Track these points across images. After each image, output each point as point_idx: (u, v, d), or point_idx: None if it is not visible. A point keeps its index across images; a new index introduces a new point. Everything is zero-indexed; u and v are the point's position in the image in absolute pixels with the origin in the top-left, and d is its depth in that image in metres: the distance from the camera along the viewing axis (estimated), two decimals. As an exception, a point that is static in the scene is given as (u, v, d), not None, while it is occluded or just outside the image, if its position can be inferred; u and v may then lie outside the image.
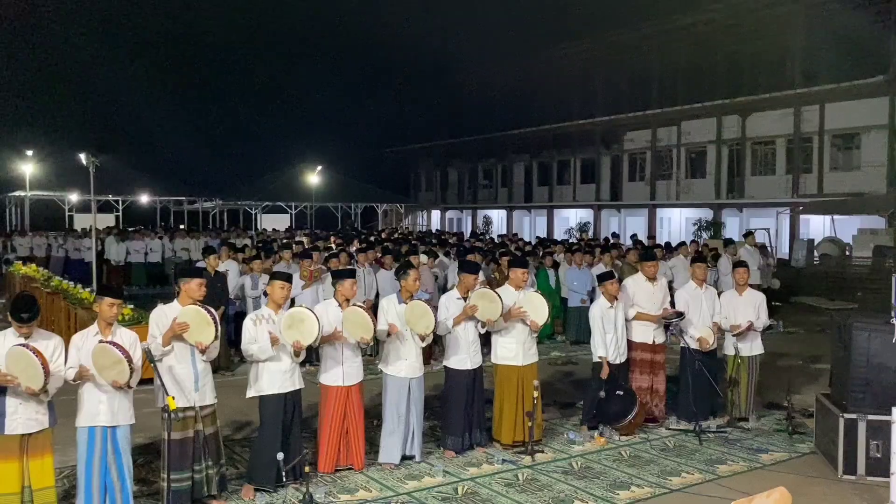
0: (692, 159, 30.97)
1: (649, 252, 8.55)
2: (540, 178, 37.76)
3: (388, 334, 6.22)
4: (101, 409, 4.97)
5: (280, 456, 5.47)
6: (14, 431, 4.74)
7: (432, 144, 42.58)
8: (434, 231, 31.58)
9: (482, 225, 38.90)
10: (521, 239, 21.75)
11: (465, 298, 6.69)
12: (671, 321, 7.51)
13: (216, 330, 5.23)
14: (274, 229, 28.47)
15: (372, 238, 18.93)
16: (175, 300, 5.46)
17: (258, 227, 34.40)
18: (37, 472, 4.83)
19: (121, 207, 33.34)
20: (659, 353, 7.67)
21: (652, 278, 7.68)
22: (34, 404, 4.78)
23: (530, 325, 6.69)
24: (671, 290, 8.55)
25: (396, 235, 23.41)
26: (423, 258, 11.47)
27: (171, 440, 4.99)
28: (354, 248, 13.05)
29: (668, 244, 15.90)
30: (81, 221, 30.97)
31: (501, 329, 6.72)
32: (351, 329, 5.96)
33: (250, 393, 5.80)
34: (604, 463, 6.49)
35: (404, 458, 6.38)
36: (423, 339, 6.23)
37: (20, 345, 4.64)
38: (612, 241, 17.52)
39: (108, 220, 32.07)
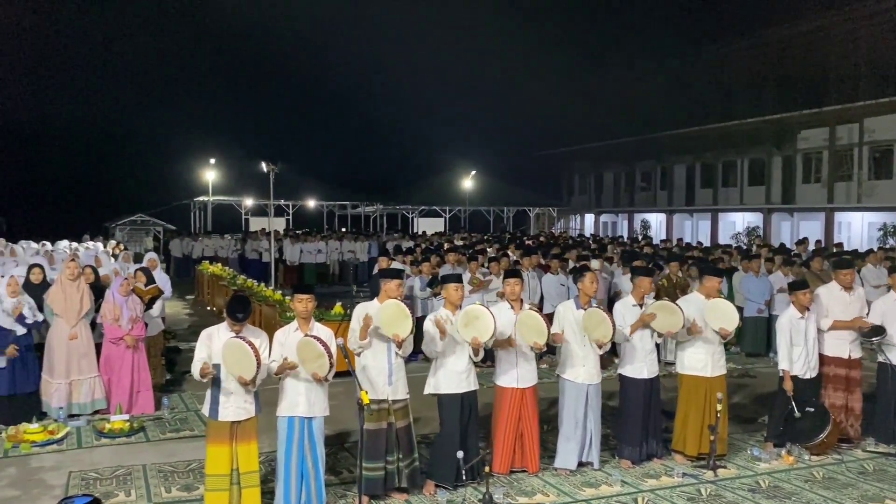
0: (876, 159, 28.35)
1: (845, 259, 7.91)
2: (703, 179, 36.03)
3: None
4: (300, 400, 5.30)
5: (460, 454, 5.60)
6: (226, 418, 5.17)
7: (587, 146, 41.87)
8: (589, 235, 31.01)
9: (640, 229, 37.76)
10: (691, 244, 20.88)
11: (640, 305, 6.53)
12: (872, 339, 6.92)
13: (413, 324, 5.43)
14: (436, 233, 29.19)
15: (530, 242, 18.93)
16: (374, 299, 5.72)
17: (414, 230, 35.42)
18: (244, 456, 5.23)
19: (291, 211, 35.51)
20: (855, 369, 7.09)
21: (848, 287, 7.12)
22: (243, 394, 5.19)
23: (719, 331, 6.42)
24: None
25: (553, 240, 23.24)
26: (595, 263, 11.29)
27: (364, 429, 5.25)
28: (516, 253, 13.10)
29: (855, 251, 14.66)
30: (255, 224, 33.36)
31: (687, 340, 6.50)
32: (525, 333, 5.99)
33: (427, 390, 5.98)
34: (794, 483, 6.09)
35: (580, 464, 6.32)
36: (600, 346, 6.15)
37: (237, 337, 5.04)
38: (800, 246, 16.20)
39: (279, 223, 34.28)
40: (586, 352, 6.24)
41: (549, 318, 6.33)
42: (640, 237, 31.46)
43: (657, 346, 6.68)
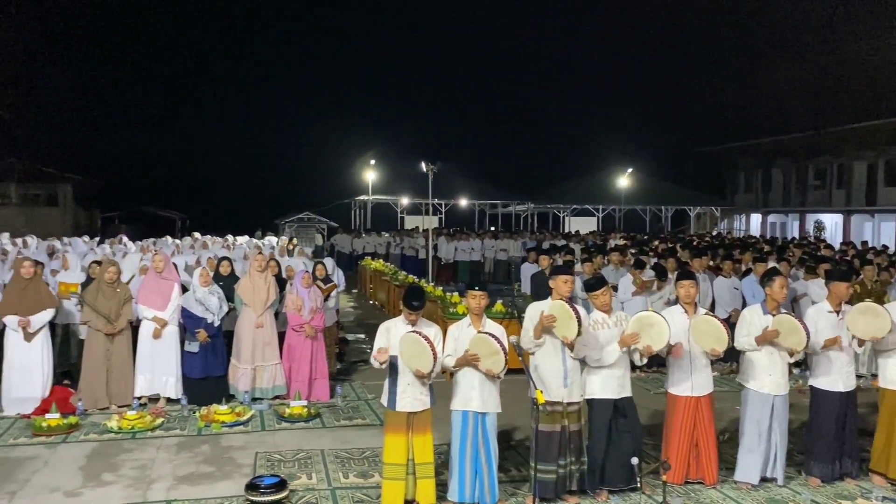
0: None
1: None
2: (888, 177, 32.85)
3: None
4: (473, 395, 5.34)
5: (635, 461, 5.41)
6: (403, 409, 5.31)
7: (753, 142, 39.42)
8: (758, 236, 29.18)
9: (813, 230, 35.06)
10: (875, 248, 19.09)
11: (837, 312, 6.02)
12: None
13: (579, 326, 5.31)
14: (591, 232, 28.69)
15: (697, 242, 18.09)
16: (548, 298, 5.67)
17: (566, 229, 34.97)
18: (419, 447, 5.35)
19: (443, 210, 36.21)
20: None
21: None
22: (419, 386, 5.30)
23: None
24: None
25: (720, 241, 22.07)
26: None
27: (538, 431, 5.20)
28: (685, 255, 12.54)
29: None
30: (410, 222, 34.34)
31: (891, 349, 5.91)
32: (701, 339, 5.69)
33: (584, 394, 5.81)
34: None
35: (763, 479, 5.92)
36: (791, 354, 5.73)
37: (413, 331, 5.16)
38: None
39: (432, 221, 35.07)
40: (773, 360, 5.83)
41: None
42: (813, 239, 29.21)
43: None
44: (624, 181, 34.22)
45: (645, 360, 5.70)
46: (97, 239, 17.17)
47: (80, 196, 38.08)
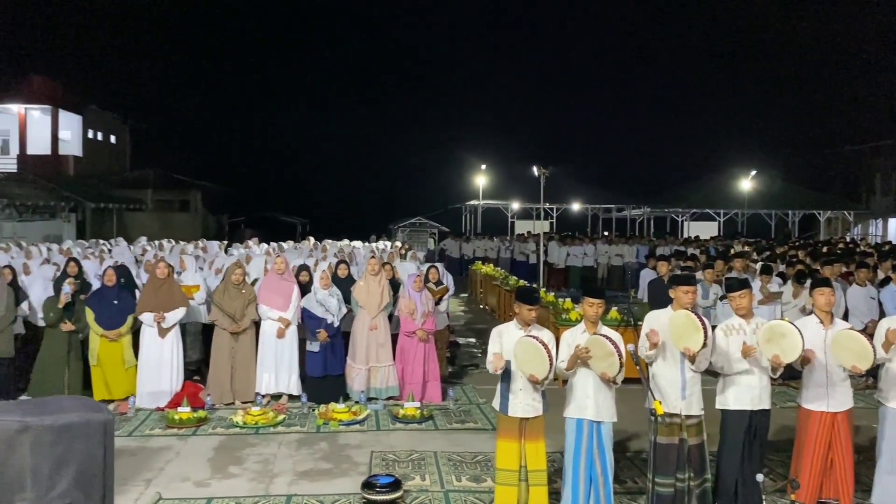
0: None
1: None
2: None
3: None
4: (588, 403, 5.21)
5: (760, 477, 5.11)
6: (515, 414, 5.26)
7: (892, 141, 36.65)
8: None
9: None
10: None
11: None
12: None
13: (706, 337, 5.09)
14: (713, 237, 27.61)
15: (828, 249, 17.01)
16: (668, 307, 5.49)
17: (685, 234, 33.76)
18: (532, 453, 5.27)
19: (555, 214, 35.84)
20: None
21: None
22: (531, 391, 5.24)
23: None
24: None
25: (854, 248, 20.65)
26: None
27: (656, 443, 5.02)
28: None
29: None
30: (521, 227, 34.21)
31: None
32: (841, 354, 5.29)
33: (717, 405, 5.56)
34: None
35: (906, 505, 5.46)
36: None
37: (530, 335, 5.11)
38: None
39: (543, 225, 34.79)
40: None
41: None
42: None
43: None
44: (747, 184, 32.62)
45: (778, 373, 5.38)
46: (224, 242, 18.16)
47: (209, 202, 40.50)
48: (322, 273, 8.66)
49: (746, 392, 5.38)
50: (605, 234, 32.54)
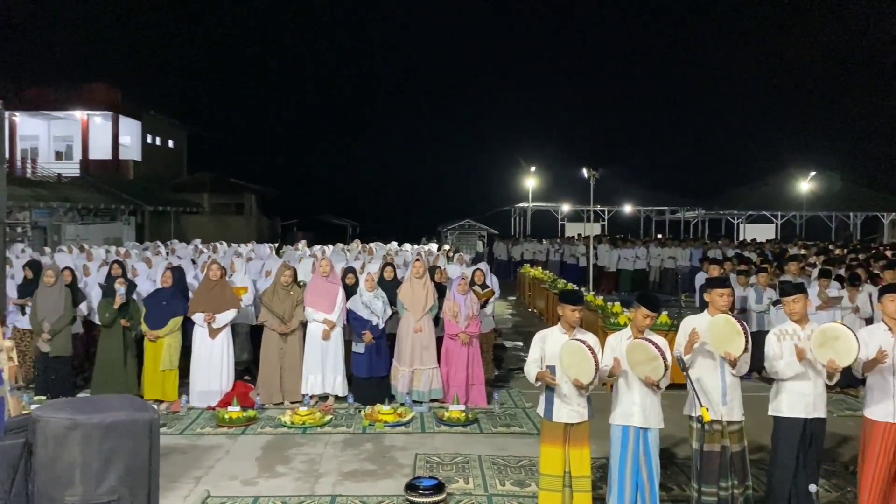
0: None
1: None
2: None
3: None
4: (635, 410, 5.13)
5: (813, 488, 4.95)
6: (559, 420, 5.19)
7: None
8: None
9: None
10: None
11: None
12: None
13: (747, 342, 4.96)
14: (769, 240, 26.91)
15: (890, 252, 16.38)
16: (705, 311, 5.37)
17: (740, 237, 32.98)
18: (576, 459, 5.20)
19: (606, 217, 35.44)
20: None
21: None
22: (576, 396, 5.17)
23: None
24: None
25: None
26: None
27: (700, 451, 4.91)
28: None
29: None
30: (571, 229, 33.92)
31: None
32: None
33: (770, 411, 5.40)
34: None
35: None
36: None
37: (576, 339, 5.05)
38: None
39: (593, 228, 34.42)
40: None
41: None
42: None
43: None
44: (805, 185, 31.71)
45: (834, 379, 5.20)
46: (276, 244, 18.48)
47: (263, 205, 41.31)
48: (367, 275, 8.74)
49: (800, 399, 5.21)
50: (659, 236, 31.99)
